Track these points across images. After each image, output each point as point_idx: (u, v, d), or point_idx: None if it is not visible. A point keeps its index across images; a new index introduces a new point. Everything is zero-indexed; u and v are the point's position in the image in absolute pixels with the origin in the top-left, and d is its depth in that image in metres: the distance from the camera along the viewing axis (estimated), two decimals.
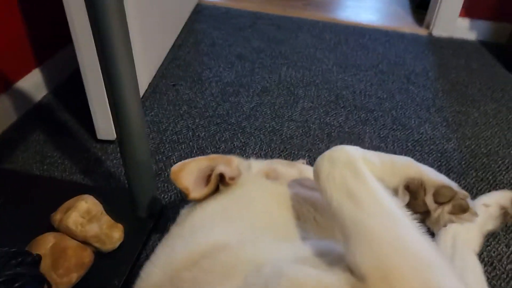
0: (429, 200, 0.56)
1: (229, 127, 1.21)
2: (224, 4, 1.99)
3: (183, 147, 1.13)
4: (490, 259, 0.87)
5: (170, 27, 1.60)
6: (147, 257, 0.82)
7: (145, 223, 0.83)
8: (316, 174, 0.55)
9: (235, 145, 1.15)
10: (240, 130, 1.20)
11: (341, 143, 1.17)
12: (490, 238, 0.91)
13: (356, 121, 1.26)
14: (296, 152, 1.13)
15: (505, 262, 0.86)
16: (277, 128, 1.22)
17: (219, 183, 0.69)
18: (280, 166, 0.76)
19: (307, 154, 1.13)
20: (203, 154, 1.11)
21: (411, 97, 1.39)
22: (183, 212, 0.69)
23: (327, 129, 1.22)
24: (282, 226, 0.62)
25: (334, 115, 1.29)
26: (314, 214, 0.64)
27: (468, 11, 1.74)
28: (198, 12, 1.89)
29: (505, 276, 0.84)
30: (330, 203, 0.51)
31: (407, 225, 0.46)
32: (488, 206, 0.88)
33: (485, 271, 0.84)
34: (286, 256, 0.52)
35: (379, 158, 0.56)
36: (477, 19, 1.74)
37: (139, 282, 0.57)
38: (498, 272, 0.85)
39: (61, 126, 1.18)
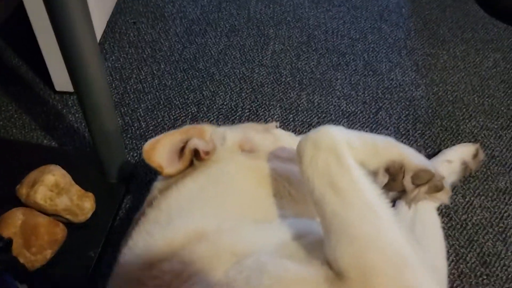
0: (407, 182, 0.58)
1: (197, 73, 1.15)
2: None
3: (149, 98, 1.08)
4: (447, 210, 0.93)
5: None
6: (121, 222, 0.83)
7: (117, 190, 0.82)
8: (299, 156, 0.54)
9: (204, 95, 1.11)
10: (209, 78, 1.15)
11: (313, 91, 1.16)
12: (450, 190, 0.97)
13: (327, 66, 1.23)
14: (267, 102, 1.11)
15: (460, 213, 0.93)
16: (247, 74, 1.18)
17: (194, 158, 0.68)
18: (254, 133, 0.74)
19: (278, 104, 1.11)
20: (171, 106, 1.07)
21: (383, 37, 1.36)
22: (157, 186, 0.68)
23: (298, 76, 1.19)
24: (260, 205, 0.62)
25: (305, 59, 1.25)
26: (289, 189, 0.65)
27: None
28: None
29: (459, 226, 0.91)
30: (312, 191, 0.52)
31: (387, 220, 0.48)
32: (451, 162, 0.92)
33: (442, 222, 0.91)
34: (266, 244, 0.53)
35: (362, 140, 0.57)
36: None
37: (117, 268, 0.58)
38: (453, 223, 0.91)
39: (12, 74, 1.09)
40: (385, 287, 0.43)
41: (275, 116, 1.08)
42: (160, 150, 0.66)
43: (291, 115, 1.09)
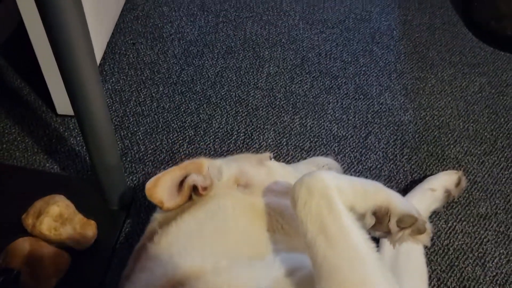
0: (392, 225, 0.63)
1: (194, 96, 1.20)
2: None
3: (148, 121, 1.12)
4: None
5: None
6: (120, 246, 0.87)
7: (118, 216, 0.86)
8: (293, 200, 0.60)
9: (201, 118, 1.15)
10: (206, 100, 1.19)
11: (306, 114, 1.21)
12: (432, 215, 1.02)
13: (320, 89, 1.28)
14: (261, 126, 1.16)
15: (443, 238, 0.99)
16: (242, 97, 1.22)
17: (192, 193, 0.72)
18: (249, 167, 0.79)
19: (272, 128, 1.16)
20: (169, 129, 1.11)
21: (375, 60, 1.41)
22: (157, 218, 0.73)
23: (292, 99, 1.24)
24: (255, 242, 0.67)
25: (299, 82, 1.29)
26: (282, 223, 0.70)
27: None
28: None
29: (441, 252, 0.96)
30: (305, 234, 0.57)
31: (373, 267, 0.53)
32: (434, 191, 0.97)
33: (425, 247, 0.96)
34: (260, 281, 0.58)
35: (352, 185, 0.62)
36: None
37: None
38: (436, 248, 0.97)
39: (14, 95, 1.12)
40: None
41: (269, 140, 1.13)
42: (161, 187, 0.70)
43: (284, 139, 1.14)
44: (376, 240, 0.55)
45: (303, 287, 0.56)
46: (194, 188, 0.71)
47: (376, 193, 0.63)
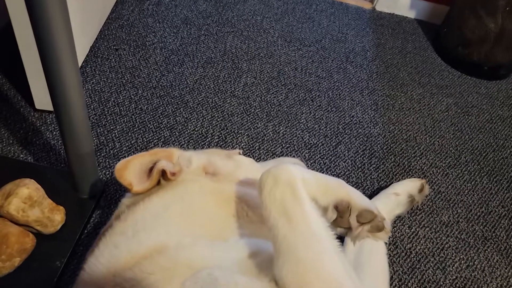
0: (352, 220, 0.66)
1: (172, 100, 1.23)
2: None
3: (125, 120, 1.14)
4: (394, 239, 1.02)
5: None
6: (88, 236, 0.88)
7: (87, 205, 0.87)
8: (260, 188, 0.62)
9: (177, 120, 1.18)
10: (183, 105, 1.23)
11: (279, 122, 1.25)
12: (397, 221, 1.05)
13: (294, 100, 1.33)
14: (235, 131, 1.19)
15: (406, 242, 1.02)
16: (219, 104, 1.26)
17: (161, 178, 0.74)
18: (218, 159, 0.82)
19: (246, 133, 1.19)
20: (145, 129, 1.14)
21: (348, 77, 1.47)
22: (125, 203, 0.74)
23: (266, 108, 1.28)
24: (219, 224, 0.69)
25: (274, 92, 1.34)
26: (247, 211, 0.72)
27: None
28: None
29: (403, 254, 0.99)
30: (268, 218, 0.59)
31: (329, 249, 0.56)
32: (398, 195, 1.01)
33: (388, 250, 0.99)
34: (221, 260, 0.60)
35: (316, 179, 0.66)
36: None
37: (82, 275, 0.63)
38: (399, 251, 1.00)
39: None
40: None
41: (242, 144, 1.16)
42: (131, 170, 0.72)
43: (257, 144, 1.17)
44: (341, 241, 0.58)
45: (264, 269, 0.58)
46: (163, 174, 0.73)
47: (338, 188, 0.67)
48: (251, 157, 1.13)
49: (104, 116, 1.14)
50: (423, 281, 0.95)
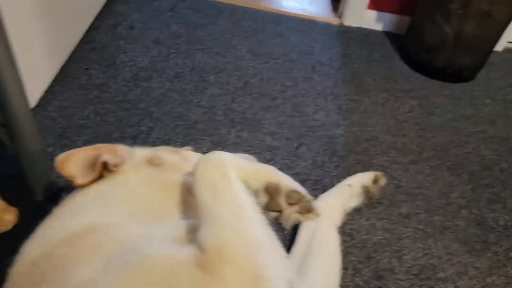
0: (282, 200, 0.69)
1: (138, 112, 1.28)
2: None
3: (89, 132, 1.18)
4: (351, 231, 1.03)
5: (87, 8, 1.60)
6: None
7: (41, 207, 0.89)
8: (193, 172, 0.65)
9: (141, 130, 1.22)
10: (148, 116, 1.27)
11: (242, 128, 1.28)
12: (355, 213, 1.07)
13: (259, 108, 1.37)
14: (198, 137, 1.23)
15: (362, 233, 1.03)
16: (184, 113, 1.30)
17: (104, 170, 0.77)
18: (164, 153, 0.85)
19: (209, 139, 1.23)
20: (109, 139, 1.18)
21: (313, 85, 1.52)
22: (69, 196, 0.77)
23: (231, 115, 1.32)
24: (157, 209, 0.71)
25: (240, 101, 1.39)
26: (188, 197, 0.75)
27: (374, 4, 1.88)
28: None
29: (360, 245, 1.00)
30: (197, 196, 0.62)
31: (251, 214, 0.59)
32: (351, 186, 1.03)
33: (345, 242, 1.00)
34: (152, 235, 0.62)
35: (247, 164, 0.70)
36: (383, 12, 1.89)
37: (17, 257, 0.65)
38: (355, 242, 1.00)
39: None
40: (236, 262, 0.52)
41: (204, 149, 1.19)
42: (72, 162, 0.75)
43: (219, 148, 1.20)
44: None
45: (188, 241, 0.60)
46: (106, 166, 0.76)
47: (268, 172, 0.71)
48: None
49: (70, 129, 1.18)
50: (378, 270, 0.95)
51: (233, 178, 0.64)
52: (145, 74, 1.43)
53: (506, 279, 0.96)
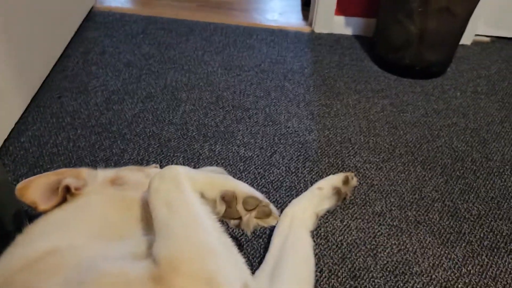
0: (240, 207, 0.70)
1: (110, 135, 1.29)
2: (118, 10, 2.03)
3: (62, 159, 1.19)
4: (325, 233, 1.03)
5: (58, 37, 1.62)
6: None
7: (9, 236, 0.90)
8: (149, 187, 0.67)
9: (114, 152, 1.23)
10: (120, 138, 1.28)
11: (215, 141, 1.30)
12: (329, 215, 1.07)
13: (231, 120, 1.39)
14: (171, 154, 1.24)
15: (337, 235, 1.03)
16: (156, 132, 1.32)
17: (67, 194, 0.78)
18: (128, 172, 0.86)
19: (182, 155, 1.24)
20: (81, 164, 1.19)
21: (285, 93, 1.54)
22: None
23: (203, 130, 1.34)
24: (119, 227, 0.72)
25: (212, 116, 1.40)
26: (150, 213, 0.76)
27: (341, 9, 1.92)
28: (91, 19, 1.92)
29: (334, 247, 1.00)
30: (152, 210, 0.63)
31: (204, 223, 0.60)
32: (321, 189, 1.04)
33: (319, 244, 1.01)
34: (111, 253, 0.62)
35: (202, 175, 0.71)
36: (350, 16, 1.93)
37: None
38: (330, 244, 1.01)
39: None
40: (188, 272, 0.53)
41: None
42: (33, 189, 0.76)
43: (192, 164, 1.21)
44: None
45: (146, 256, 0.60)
46: (68, 190, 0.77)
47: (223, 181, 0.73)
48: None
49: (42, 157, 1.19)
50: (353, 269, 0.95)
51: (187, 190, 0.65)
52: (117, 97, 1.45)
53: (481, 267, 0.97)
